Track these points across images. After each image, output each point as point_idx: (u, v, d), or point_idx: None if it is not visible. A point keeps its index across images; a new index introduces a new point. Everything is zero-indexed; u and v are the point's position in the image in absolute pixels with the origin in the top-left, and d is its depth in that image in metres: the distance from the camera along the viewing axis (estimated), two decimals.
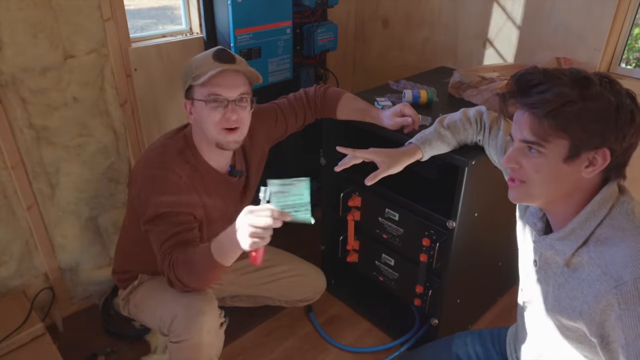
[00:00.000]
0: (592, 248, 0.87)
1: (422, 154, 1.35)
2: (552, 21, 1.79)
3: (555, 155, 0.86)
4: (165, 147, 1.35)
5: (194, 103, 1.30)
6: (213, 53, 1.29)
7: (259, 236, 1.03)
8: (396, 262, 1.71)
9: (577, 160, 0.85)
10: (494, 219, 1.60)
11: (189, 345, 1.30)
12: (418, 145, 1.34)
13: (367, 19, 2.43)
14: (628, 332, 0.79)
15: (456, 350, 1.29)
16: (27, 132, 1.58)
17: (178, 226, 1.26)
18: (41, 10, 1.47)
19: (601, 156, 0.84)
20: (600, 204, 0.87)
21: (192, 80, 1.27)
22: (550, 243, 0.94)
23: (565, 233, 0.90)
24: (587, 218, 0.88)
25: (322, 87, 1.61)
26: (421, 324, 1.84)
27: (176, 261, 1.21)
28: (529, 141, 0.87)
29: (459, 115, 1.38)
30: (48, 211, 1.71)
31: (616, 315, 0.81)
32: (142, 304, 1.49)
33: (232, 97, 1.28)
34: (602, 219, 0.87)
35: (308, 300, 1.81)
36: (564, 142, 0.84)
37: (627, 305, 0.79)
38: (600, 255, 0.85)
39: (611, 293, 0.81)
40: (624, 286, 0.79)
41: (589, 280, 0.86)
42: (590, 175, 0.86)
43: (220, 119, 1.28)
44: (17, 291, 1.73)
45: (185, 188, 1.31)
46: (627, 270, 0.80)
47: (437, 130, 1.36)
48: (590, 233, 0.87)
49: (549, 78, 0.84)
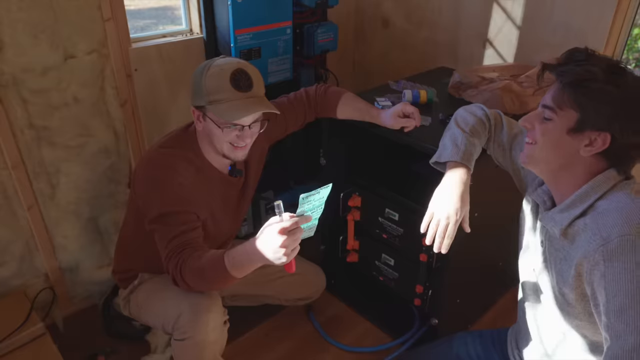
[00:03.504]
0: (589, 217, 0.91)
1: (471, 170, 1.21)
2: (552, 21, 1.79)
3: (562, 124, 0.91)
4: (169, 148, 1.35)
5: (206, 119, 1.29)
6: (231, 76, 1.23)
7: (293, 249, 1.02)
8: (396, 262, 1.71)
9: (580, 136, 0.90)
10: (494, 219, 1.60)
11: (194, 342, 1.30)
12: (464, 163, 1.20)
13: (367, 19, 2.43)
14: (609, 288, 0.82)
15: (457, 350, 1.29)
16: (28, 132, 1.58)
17: (183, 225, 1.26)
18: (41, 11, 1.48)
19: (602, 139, 0.88)
20: (603, 180, 0.91)
21: (207, 104, 1.25)
22: (551, 216, 0.98)
23: (566, 205, 0.95)
24: (587, 191, 0.92)
25: (322, 87, 1.62)
26: (421, 324, 1.84)
27: (184, 264, 1.20)
28: (547, 105, 0.93)
29: (472, 119, 1.26)
30: (48, 211, 1.71)
31: (600, 273, 0.84)
32: (143, 303, 1.49)
33: (248, 123, 1.29)
34: (602, 193, 0.91)
35: (308, 298, 1.82)
36: (573, 114, 0.90)
37: (611, 262, 0.83)
38: (594, 221, 0.89)
39: (598, 251, 0.85)
40: (610, 244, 0.83)
41: (582, 245, 0.89)
42: (587, 154, 0.90)
43: (233, 138, 1.30)
44: (18, 291, 1.73)
45: (189, 188, 1.31)
46: (615, 230, 0.84)
47: (469, 140, 1.22)
48: (589, 205, 0.92)
49: (589, 58, 0.90)
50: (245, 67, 1.28)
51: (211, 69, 1.25)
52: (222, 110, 1.24)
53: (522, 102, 1.53)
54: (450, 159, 1.20)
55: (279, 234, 0.99)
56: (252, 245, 1.06)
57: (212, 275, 1.17)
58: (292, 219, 1.00)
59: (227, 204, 1.48)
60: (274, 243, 1.00)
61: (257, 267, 1.11)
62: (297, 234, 1.01)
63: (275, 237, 0.99)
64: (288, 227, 0.99)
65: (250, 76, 1.27)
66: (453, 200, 1.15)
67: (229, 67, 1.25)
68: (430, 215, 1.17)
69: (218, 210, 1.44)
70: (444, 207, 1.15)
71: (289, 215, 1.01)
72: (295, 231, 1.00)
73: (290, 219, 1.00)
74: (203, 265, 1.18)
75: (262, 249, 1.03)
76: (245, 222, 2.10)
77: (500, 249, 1.72)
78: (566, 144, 0.92)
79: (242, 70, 1.26)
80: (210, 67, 1.25)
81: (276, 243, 0.99)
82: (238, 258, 1.11)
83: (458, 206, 1.14)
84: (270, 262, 1.05)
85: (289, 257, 1.02)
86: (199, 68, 1.28)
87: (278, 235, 0.99)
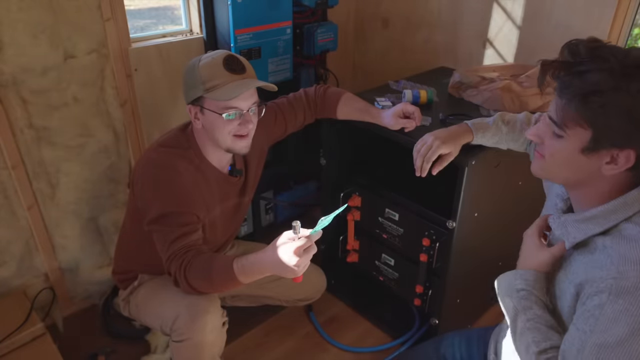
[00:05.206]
0: (610, 239, 0.82)
1: (473, 138, 1.30)
2: (552, 21, 1.79)
3: (573, 143, 0.80)
4: (168, 147, 1.35)
5: (204, 112, 1.28)
6: (223, 62, 1.26)
7: (306, 263, 1.07)
8: (396, 262, 1.71)
9: (597, 154, 0.79)
10: (494, 219, 1.60)
11: (191, 344, 1.30)
12: (471, 128, 1.29)
13: (367, 19, 2.43)
14: (602, 320, 0.77)
15: (443, 352, 1.27)
16: (28, 132, 1.58)
17: (184, 227, 1.26)
18: (41, 11, 1.48)
19: (624, 156, 0.78)
20: (636, 199, 0.81)
21: (204, 92, 1.25)
22: (563, 223, 0.90)
23: (585, 217, 0.85)
24: (615, 209, 0.82)
25: (322, 87, 1.62)
26: (421, 324, 1.84)
27: (190, 265, 1.20)
28: (553, 120, 0.83)
29: (522, 115, 1.31)
30: (48, 211, 1.71)
31: (599, 302, 0.78)
32: (143, 304, 1.48)
33: (246, 107, 1.29)
34: (632, 215, 0.81)
35: (308, 299, 1.81)
36: (585, 132, 0.78)
37: (617, 298, 0.76)
38: (616, 247, 0.80)
39: (606, 282, 0.77)
40: (624, 281, 0.76)
41: (591, 264, 0.83)
42: (611, 172, 0.80)
43: (235, 127, 1.30)
44: (18, 291, 1.73)
45: (190, 188, 1.31)
46: (636, 268, 0.76)
47: (497, 122, 1.30)
48: (613, 225, 0.82)
49: (594, 57, 0.76)
50: (234, 54, 1.31)
51: (202, 60, 1.27)
52: (220, 94, 1.24)
53: (522, 102, 1.53)
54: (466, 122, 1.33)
55: (295, 254, 1.03)
56: (264, 259, 1.10)
57: (219, 279, 1.18)
58: (308, 238, 1.03)
59: (227, 204, 1.48)
60: (288, 261, 1.04)
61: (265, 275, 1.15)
62: (311, 252, 1.06)
63: (291, 257, 1.04)
64: (303, 245, 1.03)
65: (241, 60, 1.30)
66: (443, 133, 1.30)
67: (220, 55, 1.27)
68: (422, 139, 1.33)
69: (218, 210, 1.43)
70: (433, 135, 1.30)
71: (305, 234, 1.04)
72: (309, 249, 1.05)
73: (305, 238, 1.03)
74: (210, 268, 1.18)
75: (275, 265, 1.07)
76: (245, 222, 2.10)
77: (500, 249, 1.72)
78: (582, 163, 0.81)
79: (232, 55, 1.29)
80: (202, 59, 1.28)
81: (291, 262, 1.04)
82: (248, 267, 1.14)
83: (444, 136, 1.29)
84: (281, 276, 1.10)
85: (300, 272, 1.07)
86: (189, 65, 1.29)
87: (293, 256, 1.03)
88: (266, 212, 2.19)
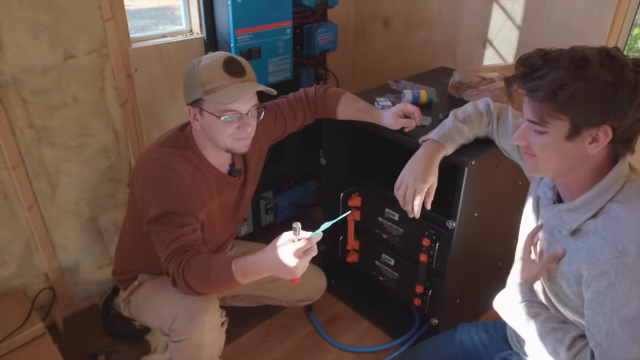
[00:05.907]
0: (600, 221, 0.91)
1: (447, 150, 1.32)
2: (551, 21, 1.79)
3: (557, 133, 0.90)
4: (167, 147, 1.35)
5: (203, 113, 1.28)
6: (223, 64, 1.25)
7: (305, 265, 1.08)
8: (396, 262, 1.71)
9: (579, 137, 0.89)
10: (494, 219, 1.60)
11: (190, 344, 1.30)
12: (440, 142, 1.31)
13: (367, 19, 2.43)
14: (617, 298, 0.85)
15: (460, 337, 1.32)
16: (28, 132, 1.58)
17: (183, 227, 1.25)
18: (41, 11, 1.48)
19: (603, 133, 0.87)
20: (613, 181, 0.91)
21: (204, 94, 1.25)
22: (558, 213, 0.98)
23: (575, 205, 0.94)
24: (599, 194, 0.92)
25: (321, 87, 1.61)
26: (421, 323, 1.84)
27: (188, 265, 1.20)
28: (532, 121, 0.92)
29: (471, 108, 1.36)
30: (48, 211, 1.71)
31: (609, 282, 0.86)
32: (143, 304, 1.48)
33: (245, 110, 1.29)
34: (613, 195, 0.91)
35: (308, 299, 1.82)
36: (564, 122, 0.88)
37: (624, 275, 0.85)
38: (607, 227, 0.89)
39: (611, 262, 0.85)
40: (626, 257, 0.84)
41: (589, 248, 0.91)
42: (594, 150, 0.89)
43: (234, 131, 1.30)
44: (18, 291, 1.73)
45: (188, 188, 1.31)
46: (634, 243, 0.84)
47: (455, 125, 1.33)
48: (600, 207, 0.91)
49: (547, 61, 0.88)
50: (235, 56, 1.30)
51: (203, 62, 1.27)
52: (219, 97, 1.24)
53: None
54: (429, 137, 1.33)
55: (294, 256, 1.03)
56: (263, 259, 1.10)
57: (217, 279, 1.18)
58: (308, 240, 1.04)
59: (226, 204, 1.48)
60: (288, 263, 1.04)
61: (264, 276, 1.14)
62: (311, 254, 1.06)
63: (290, 259, 1.04)
64: (303, 247, 1.03)
65: (241, 63, 1.29)
66: (419, 168, 1.29)
67: (220, 57, 1.27)
68: (399, 181, 1.32)
69: (217, 210, 1.43)
70: (411, 174, 1.29)
71: (305, 236, 1.04)
72: (309, 251, 1.05)
73: (306, 240, 1.03)
74: (208, 269, 1.18)
75: (274, 266, 1.07)
76: (245, 222, 2.10)
77: (500, 249, 1.72)
78: (570, 149, 0.90)
79: (232, 57, 1.28)
80: (202, 61, 1.27)
81: (290, 263, 1.04)
82: (247, 267, 1.14)
83: (421, 171, 1.28)
84: (280, 277, 1.10)
85: (299, 274, 1.07)
86: (189, 66, 1.29)
87: (293, 257, 1.03)
88: (266, 212, 2.19)
